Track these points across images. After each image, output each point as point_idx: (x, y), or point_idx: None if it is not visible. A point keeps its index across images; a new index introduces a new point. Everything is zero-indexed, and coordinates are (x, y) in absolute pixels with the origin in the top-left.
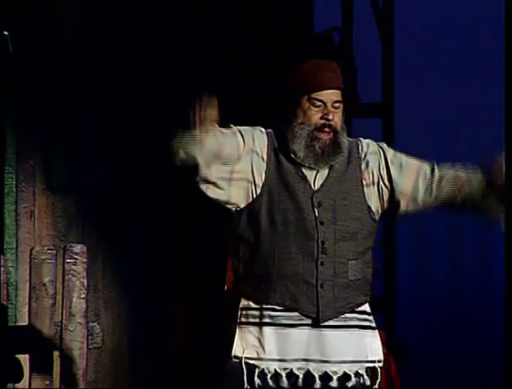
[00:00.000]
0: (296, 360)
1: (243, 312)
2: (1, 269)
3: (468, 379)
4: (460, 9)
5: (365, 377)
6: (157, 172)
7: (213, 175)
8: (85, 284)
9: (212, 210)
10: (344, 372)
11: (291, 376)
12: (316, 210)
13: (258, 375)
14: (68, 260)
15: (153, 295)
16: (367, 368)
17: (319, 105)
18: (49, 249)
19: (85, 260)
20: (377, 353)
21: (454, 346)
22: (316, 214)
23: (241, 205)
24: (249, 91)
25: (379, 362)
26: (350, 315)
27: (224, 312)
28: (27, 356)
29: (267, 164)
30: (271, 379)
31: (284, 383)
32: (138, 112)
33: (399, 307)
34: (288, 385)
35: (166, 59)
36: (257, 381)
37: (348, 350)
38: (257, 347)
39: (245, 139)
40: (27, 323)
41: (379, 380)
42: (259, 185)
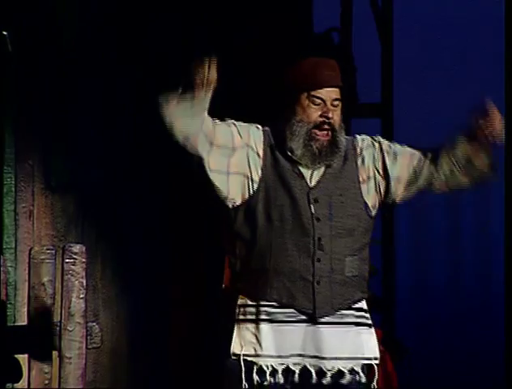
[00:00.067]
0: (292, 355)
1: (240, 309)
2: (0, 269)
3: (467, 379)
4: (460, 9)
5: (361, 374)
6: (157, 172)
7: (211, 166)
8: (84, 284)
9: (211, 209)
10: (339, 369)
11: (287, 372)
12: (312, 206)
13: (257, 372)
14: (67, 260)
15: (152, 295)
16: (363, 365)
17: (318, 103)
18: (48, 249)
19: (84, 260)
20: (373, 350)
21: (453, 346)
22: (312, 210)
23: (238, 201)
24: (248, 90)
25: (375, 360)
26: (347, 312)
27: (222, 310)
28: (26, 356)
29: (263, 160)
30: (270, 376)
31: (281, 379)
32: (137, 112)
33: (398, 307)
34: (285, 381)
35: (166, 59)
36: (255, 378)
37: (344, 347)
38: (254, 344)
39: (241, 133)
40: (26, 323)
41: (376, 377)
42: (256, 181)
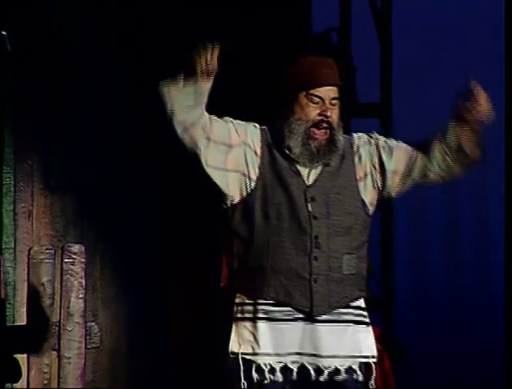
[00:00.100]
0: (290, 354)
1: (238, 308)
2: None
3: (466, 380)
4: (460, 9)
5: (358, 372)
6: (156, 172)
7: (209, 161)
8: (83, 284)
9: (211, 208)
10: (336, 367)
11: (286, 370)
12: (309, 205)
13: (255, 371)
14: (66, 260)
15: (151, 295)
16: (360, 363)
17: (317, 102)
18: (47, 249)
19: (83, 260)
20: (370, 349)
21: (453, 346)
22: (309, 209)
23: (236, 199)
24: (247, 90)
25: (373, 358)
26: (344, 310)
27: (220, 309)
28: (25, 356)
29: (261, 158)
30: (268, 374)
31: (279, 377)
32: (137, 112)
33: (398, 307)
34: (284, 379)
35: (166, 59)
36: (255, 376)
37: (341, 345)
38: (252, 342)
39: (238, 131)
40: (25, 323)
41: (374, 376)
42: (253, 179)
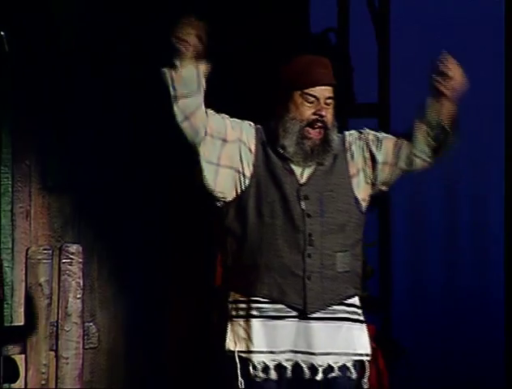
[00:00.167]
0: (283, 352)
1: (233, 305)
2: None
3: (465, 379)
4: (460, 9)
5: (352, 370)
6: (155, 172)
7: (205, 155)
8: (81, 284)
9: (210, 208)
10: (329, 364)
11: (280, 368)
12: (302, 203)
13: (251, 368)
14: (64, 260)
15: (149, 295)
16: (354, 361)
17: (312, 101)
18: (45, 249)
19: (81, 260)
20: (364, 347)
21: (451, 346)
22: (302, 207)
23: (229, 195)
24: (246, 90)
25: (367, 356)
26: (339, 307)
27: (216, 308)
28: (23, 356)
29: (255, 156)
30: (262, 372)
31: (273, 375)
32: (135, 112)
33: (395, 307)
34: (278, 377)
35: (165, 59)
36: (252, 374)
37: (335, 342)
38: (246, 340)
39: (234, 127)
40: (22, 323)
41: (367, 373)
42: (247, 176)
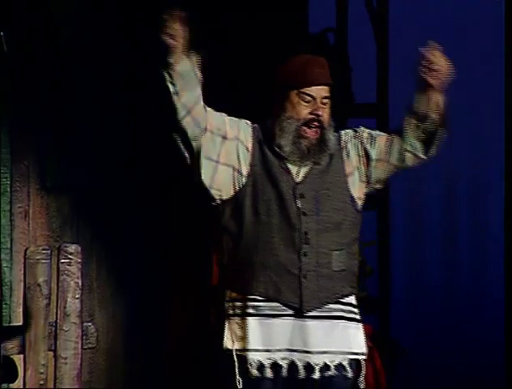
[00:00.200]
0: (279, 350)
1: (229, 304)
2: None
3: (464, 379)
4: (460, 9)
5: (348, 369)
6: (154, 172)
7: (204, 152)
8: (79, 284)
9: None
10: (325, 363)
11: (276, 366)
12: (298, 201)
13: (249, 366)
14: (62, 260)
15: (148, 295)
16: (350, 360)
17: (308, 101)
18: (44, 249)
19: (79, 260)
20: (360, 346)
21: (449, 346)
22: (298, 205)
23: (225, 194)
24: (244, 90)
25: (363, 355)
26: (335, 306)
27: (213, 307)
28: (21, 356)
29: (252, 155)
30: (258, 370)
31: (268, 374)
32: (135, 112)
33: (394, 307)
34: (274, 375)
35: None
36: (249, 372)
37: (331, 341)
38: (243, 338)
39: (232, 125)
40: (21, 323)
41: (363, 372)
42: (244, 174)
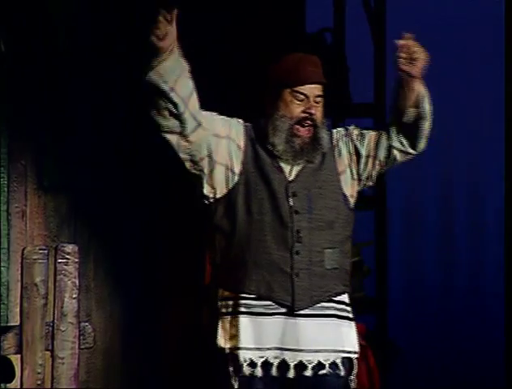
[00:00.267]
0: (271, 348)
1: (222, 302)
2: None
3: (461, 379)
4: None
5: (341, 367)
6: (152, 172)
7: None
8: (77, 284)
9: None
10: (319, 361)
11: (267, 365)
12: (290, 200)
13: (241, 364)
14: (60, 260)
15: (145, 294)
16: (343, 358)
17: (302, 99)
18: (41, 249)
19: (77, 260)
20: (353, 344)
21: (447, 346)
22: (290, 203)
23: (219, 193)
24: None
25: (355, 353)
26: (327, 304)
27: (206, 305)
28: (18, 356)
29: (244, 153)
30: (249, 369)
31: (259, 372)
32: (133, 112)
33: (391, 307)
34: (265, 373)
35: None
36: (243, 370)
37: (324, 339)
38: (235, 336)
39: (223, 124)
40: (18, 323)
41: (355, 371)
42: (237, 173)
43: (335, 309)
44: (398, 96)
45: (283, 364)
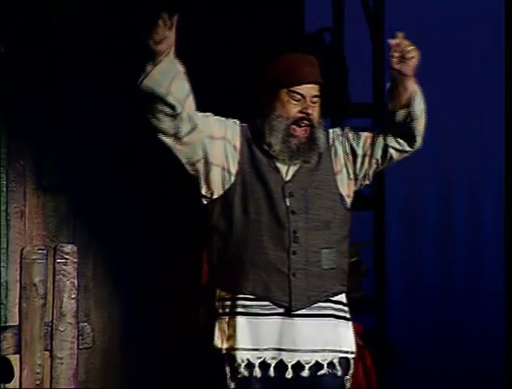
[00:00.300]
0: (268, 349)
1: (219, 303)
2: None
3: (460, 379)
4: (458, 9)
5: (338, 367)
6: (151, 172)
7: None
8: (75, 284)
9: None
10: (316, 361)
11: (265, 365)
12: (287, 200)
13: (238, 365)
14: (58, 260)
15: (145, 294)
16: (340, 358)
17: (298, 99)
18: (40, 249)
19: (75, 260)
20: (350, 344)
21: (446, 346)
22: (287, 204)
23: (216, 193)
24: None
25: (352, 353)
26: (325, 304)
27: (204, 306)
28: (17, 356)
29: (240, 153)
30: (247, 369)
31: (257, 373)
32: (132, 112)
33: (390, 307)
34: (262, 374)
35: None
36: (239, 371)
37: (321, 339)
38: (232, 337)
39: (218, 125)
40: (17, 323)
41: (351, 371)
42: (233, 173)
43: (333, 309)
44: (391, 95)
45: (280, 364)
